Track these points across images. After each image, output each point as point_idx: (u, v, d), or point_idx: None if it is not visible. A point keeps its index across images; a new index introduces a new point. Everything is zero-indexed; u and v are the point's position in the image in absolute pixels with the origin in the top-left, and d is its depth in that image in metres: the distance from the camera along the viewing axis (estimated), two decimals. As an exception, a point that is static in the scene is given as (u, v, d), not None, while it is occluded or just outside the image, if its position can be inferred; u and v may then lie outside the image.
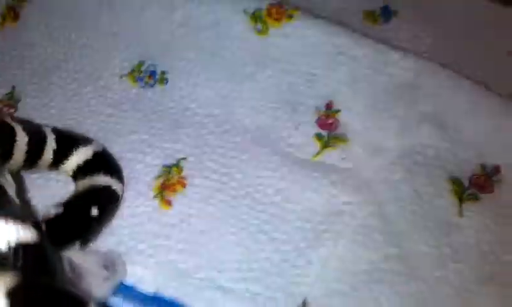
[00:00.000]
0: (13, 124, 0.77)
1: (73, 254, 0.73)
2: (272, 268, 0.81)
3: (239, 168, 0.93)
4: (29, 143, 0.79)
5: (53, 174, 0.91)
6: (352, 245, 0.82)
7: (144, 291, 0.80)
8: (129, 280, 0.80)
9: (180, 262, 0.82)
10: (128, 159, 0.94)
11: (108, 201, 0.82)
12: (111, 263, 0.77)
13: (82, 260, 0.74)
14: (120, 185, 0.86)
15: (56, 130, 0.87)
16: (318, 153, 0.93)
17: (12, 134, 0.76)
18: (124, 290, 0.80)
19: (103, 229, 0.82)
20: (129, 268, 0.81)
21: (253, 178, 0.91)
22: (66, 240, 0.73)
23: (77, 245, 0.74)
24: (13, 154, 0.76)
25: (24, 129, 0.78)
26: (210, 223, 0.86)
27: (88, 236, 0.77)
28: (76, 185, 0.86)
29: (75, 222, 0.75)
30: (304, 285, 0.79)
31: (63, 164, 0.87)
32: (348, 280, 0.79)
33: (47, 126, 0.89)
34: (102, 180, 0.84)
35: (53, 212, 0.77)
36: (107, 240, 0.83)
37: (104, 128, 0.99)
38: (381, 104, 0.97)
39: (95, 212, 0.77)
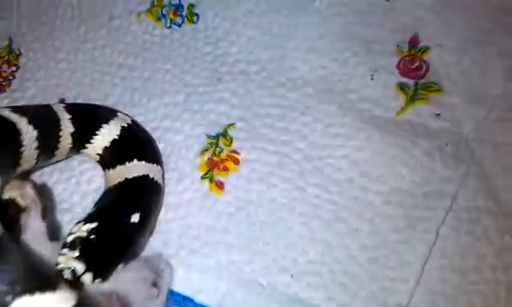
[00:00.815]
0: (15, 118, 0.58)
1: (116, 280, 0.58)
2: (359, 270, 0.65)
3: (302, 135, 0.74)
4: (40, 137, 0.60)
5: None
6: (456, 235, 0.66)
7: (204, 305, 0.66)
8: (184, 289, 0.66)
9: (243, 264, 0.67)
10: (163, 129, 0.76)
11: (149, 197, 0.65)
12: (158, 275, 0.62)
13: (125, 284, 0.59)
14: (159, 168, 0.68)
15: (70, 108, 0.68)
16: (402, 110, 0.74)
17: (14, 132, 0.57)
18: (181, 301, 0.66)
19: (148, 235, 0.66)
20: (181, 274, 0.66)
21: (320, 148, 0.73)
22: (107, 266, 0.57)
23: (120, 267, 0.59)
24: (20, 158, 0.58)
25: (30, 121, 0.59)
26: (274, 211, 0.69)
27: (132, 252, 0.61)
28: (106, 175, 0.69)
29: (115, 240, 0.58)
30: (400, 293, 0.64)
31: (85, 148, 0.69)
32: (455, 280, 0.64)
33: (59, 104, 0.70)
34: (137, 167, 0.66)
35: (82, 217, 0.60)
36: (150, 240, 0.68)
37: (126, 87, 0.79)
38: (483, 35, 0.75)
39: (136, 217, 0.61)
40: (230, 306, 0.65)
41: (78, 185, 0.72)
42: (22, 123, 0.58)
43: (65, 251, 0.56)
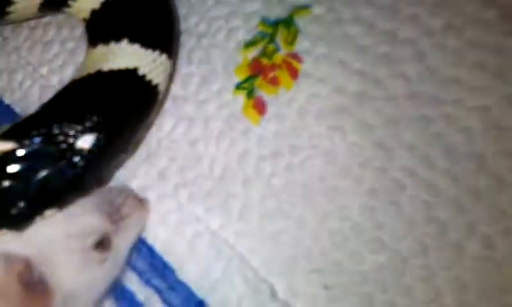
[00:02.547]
0: None
1: (33, 236, 0.36)
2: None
3: (417, 51, 0.41)
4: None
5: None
6: None
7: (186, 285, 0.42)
8: (165, 251, 0.43)
9: (283, 238, 0.41)
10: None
11: (124, 109, 0.40)
12: (111, 226, 0.40)
13: (48, 242, 0.37)
14: (164, 60, 0.42)
15: None
16: None
17: None
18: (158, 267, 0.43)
19: (107, 171, 0.42)
20: (171, 227, 0.43)
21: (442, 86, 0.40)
22: (19, 211, 0.35)
23: (47, 214, 0.37)
24: None
25: None
26: (331, 174, 0.41)
27: (69, 193, 0.37)
28: (85, 56, 0.44)
29: (39, 172, 0.35)
30: None
31: (67, 6, 0.45)
32: None
33: None
34: (124, 53, 0.41)
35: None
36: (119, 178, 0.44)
37: None
38: None
39: (85, 141, 0.37)
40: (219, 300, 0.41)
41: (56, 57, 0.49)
42: None
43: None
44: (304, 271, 0.40)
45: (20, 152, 0.36)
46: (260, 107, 0.44)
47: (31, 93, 0.50)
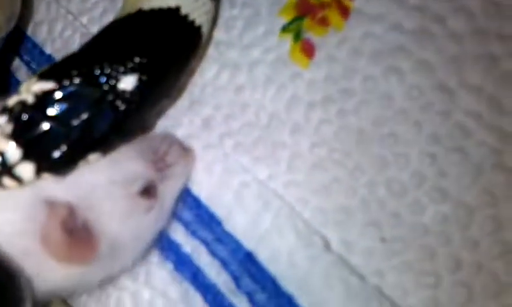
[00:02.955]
0: None
1: (77, 181, 0.35)
2: None
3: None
4: None
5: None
6: None
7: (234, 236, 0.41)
8: (211, 203, 0.41)
9: (336, 188, 0.38)
10: None
11: (167, 50, 0.37)
12: (157, 175, 0.38)
13: (92, 188, 0.36)
14: (209, 3, 0.40)
15: None
16: None
17: None
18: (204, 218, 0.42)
19: (150, 116, 0.40)
20: (215, 177, 0.41)
21: None
22: (65, 154, 0.34)
23: (91, 158, 0.35)
24: None
25: None
26: (387, 121, 0.38)
27: (113, 136, 0.36)
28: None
29: (82, 113, 0.34)
30: None
31: None
32: None
33: None
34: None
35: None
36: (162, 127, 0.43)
37: None
38: None
39: (128, 82, 0.35)
40: (269, 252, 0.39)
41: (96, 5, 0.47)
42: None
43: (0, 120, 0.34)
44: (360, 223, 0.37)
45: (60, 93, 0.34)
46: (308, 50, 0.41)
47: (71, 42, 0.48)
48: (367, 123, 0.38)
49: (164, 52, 0.37)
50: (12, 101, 0.34)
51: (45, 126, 0.34)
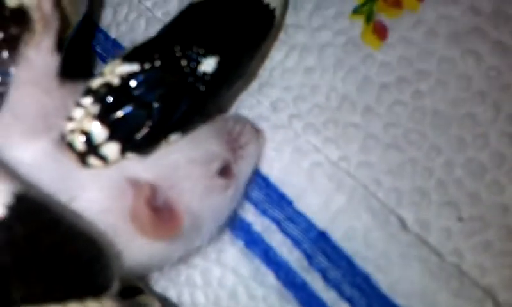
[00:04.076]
0: None
1: (158, 160, 0.36)
2: None
3: None
4: None
5: None
6: None
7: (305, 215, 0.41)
8: (281, 183, 0.42)
9: (412, 169, 0.38)
10: None
11: (246, 33, 0.38)
12: (232, 155, 0.39)
13: (172, 168, 0.36)
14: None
15: None
16: None
17: None
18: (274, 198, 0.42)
19: (227, 97, 0.41)
20: (286, 159, 0.42)
21: None
22: (148, 134, 0.35)
23: (172, 139, 0.36)
24: None
25: None
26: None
27: (193, 116, 0.37)
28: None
29: (165, 94, 0.34)
30: None
31: None
32: None
33: None
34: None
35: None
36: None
37: None
38: None
39: (208, 65, 0.35)
40: (342, 231, 0.39)
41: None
42: None
43: (86, 101, 0.35)
44: (436, 203, 0.37)
45: (143, 75, 0.35)
46: (380, 32, 0.41)
47: (136, 26, 0.49)
48: (443, 104, 0.38)
49: (241, 34, 0.38)
50: (96, 83, 0.35)
51: (130, 107, 0.35)
